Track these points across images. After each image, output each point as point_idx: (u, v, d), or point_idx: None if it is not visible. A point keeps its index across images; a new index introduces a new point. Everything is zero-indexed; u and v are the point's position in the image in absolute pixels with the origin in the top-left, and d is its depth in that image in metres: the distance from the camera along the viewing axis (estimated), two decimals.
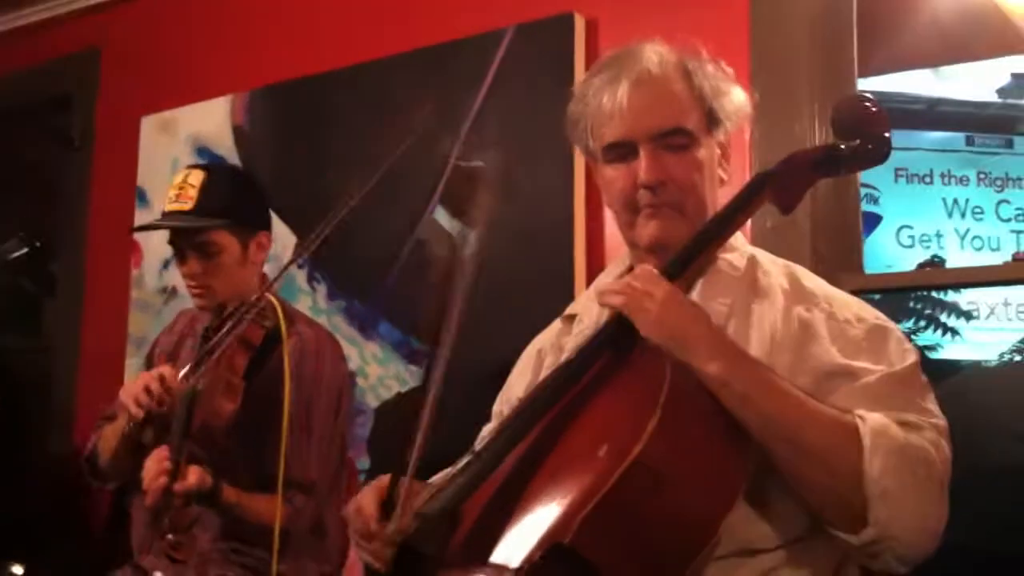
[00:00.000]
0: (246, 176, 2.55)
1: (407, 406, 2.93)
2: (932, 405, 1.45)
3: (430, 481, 1.60)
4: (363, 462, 2.98)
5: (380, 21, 3.19)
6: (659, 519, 1.33)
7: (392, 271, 3.01)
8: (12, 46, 4.04)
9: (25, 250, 2.01)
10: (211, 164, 2.40)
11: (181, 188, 2.36)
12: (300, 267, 3.20)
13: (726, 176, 1.68)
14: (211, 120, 3.40)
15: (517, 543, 1.33)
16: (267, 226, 2.52)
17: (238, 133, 3.39)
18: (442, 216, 2.94)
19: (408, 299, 2.98)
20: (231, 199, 2.38)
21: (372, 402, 3.02)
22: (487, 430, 1.81)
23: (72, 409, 3.54)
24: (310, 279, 3.19)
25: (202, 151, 3.41)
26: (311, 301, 3.16)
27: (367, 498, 1.51)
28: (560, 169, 2.69)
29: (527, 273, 2.77)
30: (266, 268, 3.20)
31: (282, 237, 3.24)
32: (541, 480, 1.41)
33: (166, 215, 2.38)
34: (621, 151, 1.61)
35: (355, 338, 3.06)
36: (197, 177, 2.37)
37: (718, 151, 1.66)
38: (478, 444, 1.68)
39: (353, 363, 3.05)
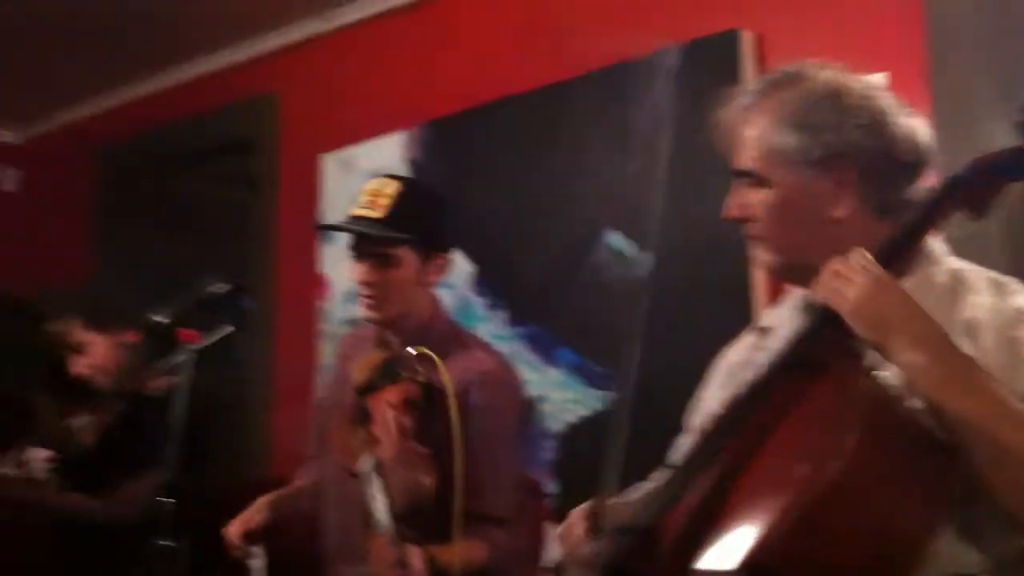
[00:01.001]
0: (439, 195, 2.48)
1: (595, 429, 2.94)
2: None
3: (626, 496, 1.61)
4: (550, 486, 3.00)
5: (547, 48, 3.23)
6: (860, 542, 1.30)
7: (569, 295, 3.04)
8: (195, 93, 4.26)
9: (226, 289, 2.08)
10: (408, 177, 2.39)
11: (374, 195, 2.32)
12: (480, 295, 3.27)
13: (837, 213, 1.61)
14: (387, 155, 3.51)
15: (718, 562, 1.32)
16: (450, 249, 2.47)
17: (413, 166, 3.48)
18: (617, 240, 2.95)
19: (586, 323, 3.00)
20: (421, 216, 2.33)
21: (557, 427, 3.04)
22: (681, 444, 1.80)
23: (267, 437, 3.70)
24: (490, 307, 3.24)
25: None
26: (491, 328, 3.21)
27: (576, 522, 1.53)
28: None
29: (703, 290, 2.76)
30: (449, 296, 3.29)
31: (460, 265, 3.31)
32: (739, 497, 1.39)
33: (354, 219, 2.33)
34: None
35: (536, 364, 3.09)
36: (392, 187, 2.32)
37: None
38: (673, 458, 1.69)
39: (536, 388, 3.08)
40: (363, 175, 3.58)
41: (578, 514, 1.55)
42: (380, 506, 2.03)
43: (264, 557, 2.21)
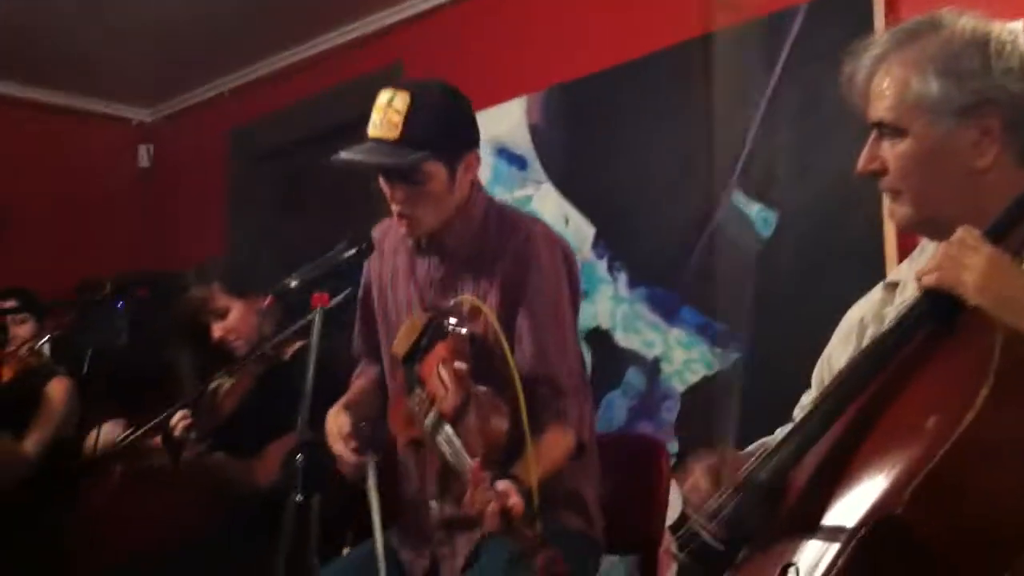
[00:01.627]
0: (452, 95, 2.29)
1: (717, 388, 2.94)
2: None
3: (749, 450, 1.61)
4: (672, 446, 3.01)
5: (668, 9, 3.21)
6: (992, 497, 1.27)
7: (692, 256, 3.03)
8: (321, 67, 4.35)
9: (353, 251, 2.13)
10: (416, 86, 2.22)
11: (384, 113, 2.18)
12: (600, 257, 3.28)
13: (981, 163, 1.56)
14: (508, 121, 3.54)
15: (846, 514, 1.32)
16: (475, 145, 2.30)
17: (534, 131, 3.51)
18: (740, 199, 2.93)
19: (710, 283, 2.99)
20: (438, 126, 2.19)
21: (678, 386, 3.04)
22: (807, 399, 1.79)
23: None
24: (610, 269, 3.25)
25: (501, 151, 3.56)
26: (612, 290, 3.22)
27: (700, 474, 1.54)
28: (863, 140, 2.62)
29: (832, 248, 2.73)
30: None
31: (581, 228, 3.33)
32: (867, 451, 1.38)
33: (371, 141, 2.22)
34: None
35: (658, 324, 3.10)
36: (402, 101, 2.17)
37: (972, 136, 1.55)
38: (798, 413, 1.67)
39: (657, 349, 3.10)
40: (486, 143, 3.62)
41: (701, 468, 1.55)
42: (458, 454, 1.98)
43: (374, 468, 2.21)
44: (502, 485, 1.91)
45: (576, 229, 3.35)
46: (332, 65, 4.30)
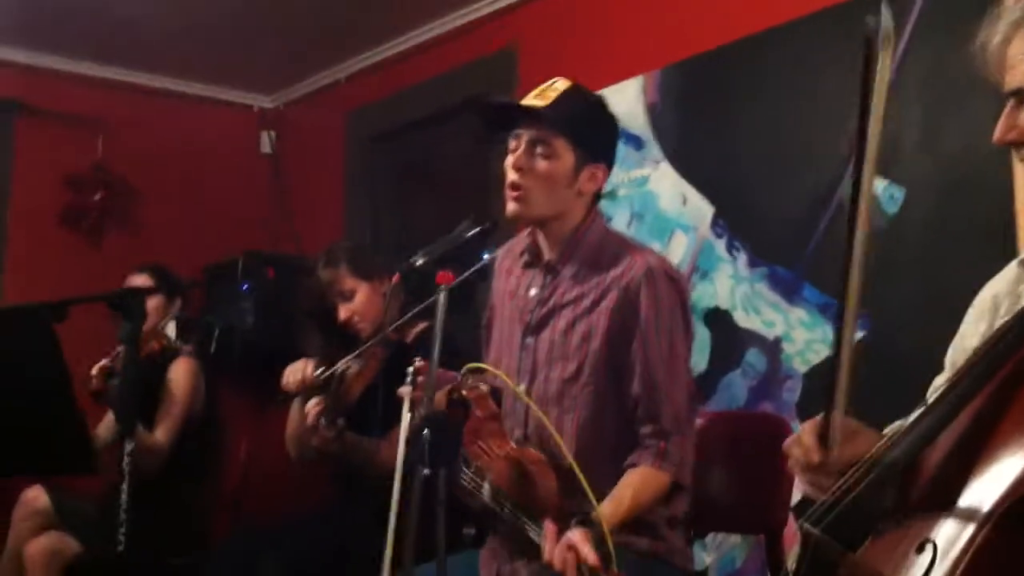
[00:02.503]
0: (606, 107, 2.35)
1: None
2: None
3: (884, 432, 1.59)
4: (794, 427, 2.97)
5: None
6: None
7: (814, 234, 2.99)
8: (436, 51, 4.40)
9: (477, 230, 2.15)
10: (580, 84, 2.30)
11: (544, 90, 2.26)
12: (719, 236, 3.25)
13: None
14: (624, 101, 3.52)
15: (984, 493, 1.29)
16: (608, 163, 2.33)
17: (651, 111, 3.49)
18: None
19: (833, 261, 2.93)
20: (584, 117, 2.26)
21: (800, 367, 3.00)
22: (940, 380, 1.75)
23: None
24: (729, 248, 3.22)
25: None
26: (731, 269, 3.19)
27: (806, 433, 1.53)
28: (992, 112, 2.54)
29: (960, 226, 2.66)
30: (686, 238, 3.29)
31: (699, 207, 3.31)
32: (1005, 430, 1.35)
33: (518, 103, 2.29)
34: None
35: (779, 304, 3.06)
36: (563, 84, 2.27)
37: None
38: (931, 394, 1.64)
39: (778, 329, 3.06)
40: None
41: (807, 426, 1.54)
42: (522, 521, 2.07)
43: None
44: (576, 537, 1.96)
45: (694, 208, 3.33)
46: (447, 49, 4.35)
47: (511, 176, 2.25)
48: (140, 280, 3.82)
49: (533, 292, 2.32)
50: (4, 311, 2.89)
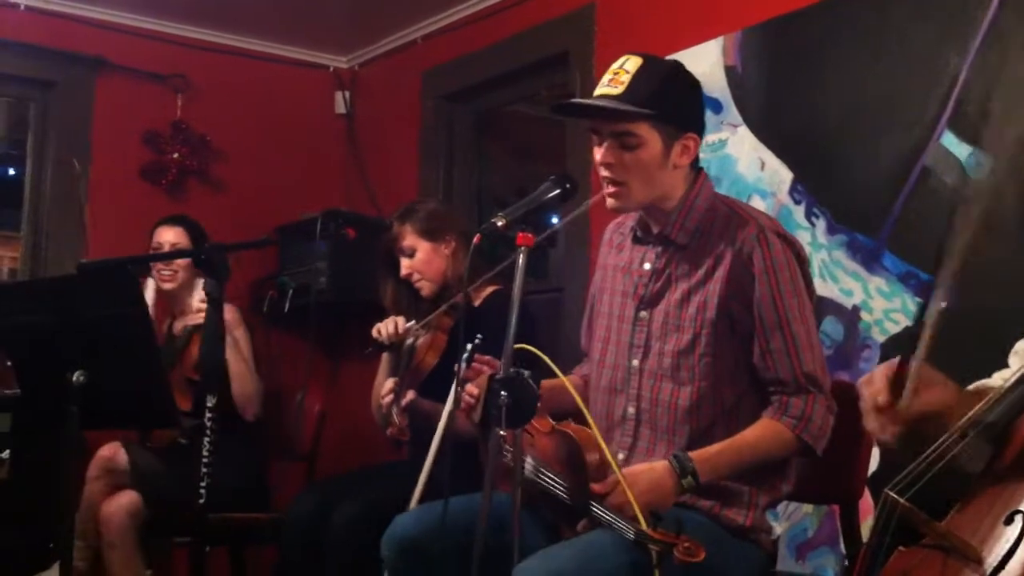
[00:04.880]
0: (685, 73, 2.28)
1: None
2: None
3: (968, 388, 1.57)
4: None
5: None
6: None
7: (897, 201, 2.93)
8: (513, 11, 4.36)
9: (558, 191, 2.15)
10: (652, 56, 2.22)
11: (616, 73, 2.19)
12: (797, 203, 3.21)
13: None
14: (704, 63, 3.47)
15: None
16: (698, 129, 2.28)
17: (730, 74, 3.44)
18: (951, 141, 2.81)
19: (915, 229, 2.89)
20: (663, 92, 2.17)
21: (878, 336, 2.96)
22: (1022, 345, 1.73)
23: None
24: (808, 215, 3.17)
25: None
26: (810, 236, 3.15)
27: (879, 373, 1.52)
28: None
29: None
30: (764, 203, 3.25)
31: (778, 172, 3.27)
32: None
33: (595, 99, 2.22)
34: None
35: (858, 272, 3.01)
36: (634, 63, 2.19)
37: None
38: (1014, 360, 1.62)
39: (856, 297, 3.02)
40: None
41: (882, 368, 1.53)
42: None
43: None
44: (616, 500, 2.00)
45: (772, 173, 3.28)
46: (524, 7, 4.31)
47: (602, 172, 2.23)
48: (172, 233, 3.85)
49: (647, 266, 2.31)
50: (91, 265, 2.94)
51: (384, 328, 3.12)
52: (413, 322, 3.11)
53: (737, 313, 2.18)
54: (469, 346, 2.37)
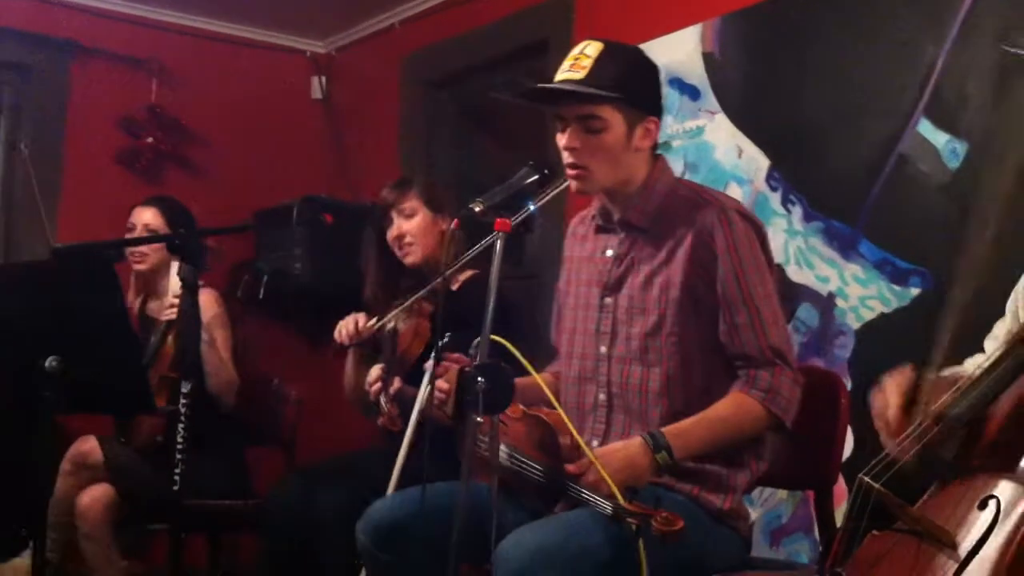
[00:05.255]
0: (645, 57, 2.31)
1: (896, 326, 2.86)
2: None
3: (942, 374, 1.58)
4: (847, 383, 2.95)
5: None
6: None
7: (873, 188, 2.94)
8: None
9: (536, 177, 2.14)
10: (611, 41, 2.23)
11: (576, 58, 2.20)
12: (774, 189, 3.22)
13: None
14: (681, 50, 3.48)
15: None
16: (658, 112, 2.30)
17: (708, 60, 3.44)
18: (927, 128, 2.82)
19: (891, 217, 2.90)
20: (625, 75, 2.19)
21: (853, 323, 2.98)
22: (999, 328, 1.74)
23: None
24: (784, 201, 3.19)
25: (673, 81, 3.50)
26: (786, 223, 3.16)
27: (892, 390, 1.52)
28: None
29: (1021, 178, 2.60)
30: (740, 190, 3.26)
31: (755, 159, 3.27)
32: None
33: (560, 83, 2.22)
34: None
35: (834, 259, 3.03)
36: (594, 48, 2.20)
37: None
38: (989, 344, 1.63)
39: (832, 284, 3.03)
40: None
41: (893, 385, 1.53)
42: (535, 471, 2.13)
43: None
44: (591, 477, 2.00)
45: (749, 160, 3.29)
46: None
47: (566, 157, 2.24)
48: (148, 215, 3.76)
49: (609, 252, 2.32)
50: (66, 249, 2.91)
51: (345, 328, 3.08)
52: (375, 320, 3.07)
53: (701, 292, 2.19)
54: (440, 343, 2.38)
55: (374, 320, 3.06)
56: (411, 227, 3.18)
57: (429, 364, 2.39)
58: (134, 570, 3.57)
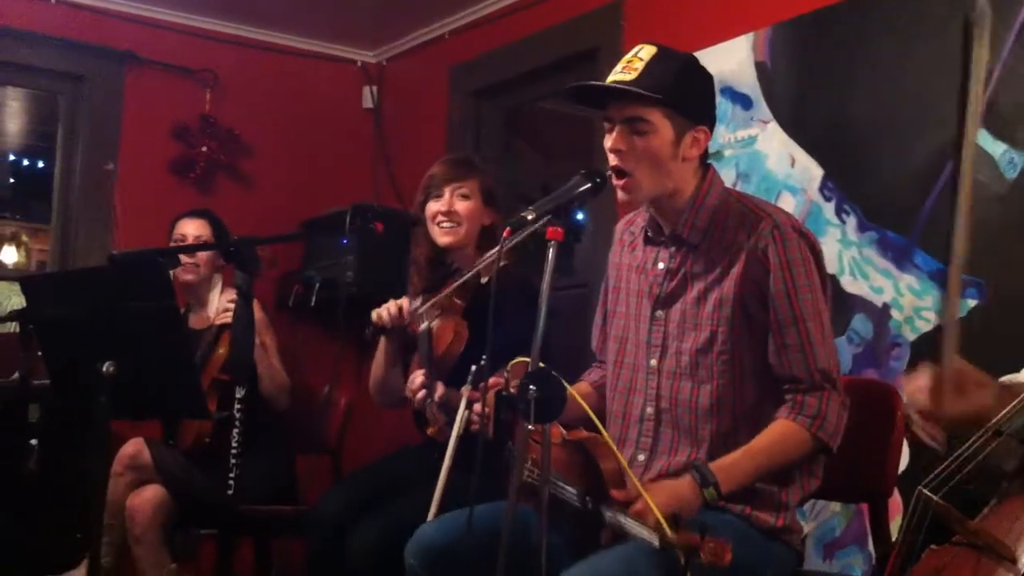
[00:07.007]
0: (698, 65, 2.26)
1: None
2: None
3: (1011, 381, 1.56)
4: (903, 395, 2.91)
5: None
6: None
7: (928, 198, 2.91)
8: (539, 7, 4.36)
9: (588, 185, 2.13)
10: (666, 47, 2.21)
11: (629, 60, 2.17)
12: (828, 199, 3.19)
13: None
14: (733, 59, 3.46)
15: None
16: (709, 122, 2.25)
17: (760, 69, 3.42)
18: (984, 138, 2.78)
19: (947, 227, 2.85)
20: (676, 81, 2.15)
21: (909, 335, 2.94)
22: None
23: None
24: (838, 212, 3.15)
25: (725, 90, 3.48)
26: (840, 233, 3.13)
27: (925, 380, 1.50)
28: None
29: None
30: (793, 200, 3.24)
31: (808, 169, 3.25)
32: None
33: (609, 83, 2.18)
34: None
35: (889, 269, 2.99)
36: (648, 52, 2.17)
37: None
38: None
39: (887, 295, 3.00)
40: None
41: (926, 375, 1.51)
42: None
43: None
44: (639, 506, 1.97)
45: (803, 170, 3.26)
46: (552, 3, 4.31)
47: (612, 160, 2.20)
48: (195, 226, 3.82)
49: (661, 265, 2.29)
50: (122, 256, 2.95)
51: (386, 311, 3.01)
52: (418, 303, 3.04)
53: (753, 309, 2.16)
54: (474, 368, 2.36)
55: (418, 303, 3.02)
56: (463, 207, 3.11)
57: (466, 390, 2.38)
58: (183, 574, 3.59)
